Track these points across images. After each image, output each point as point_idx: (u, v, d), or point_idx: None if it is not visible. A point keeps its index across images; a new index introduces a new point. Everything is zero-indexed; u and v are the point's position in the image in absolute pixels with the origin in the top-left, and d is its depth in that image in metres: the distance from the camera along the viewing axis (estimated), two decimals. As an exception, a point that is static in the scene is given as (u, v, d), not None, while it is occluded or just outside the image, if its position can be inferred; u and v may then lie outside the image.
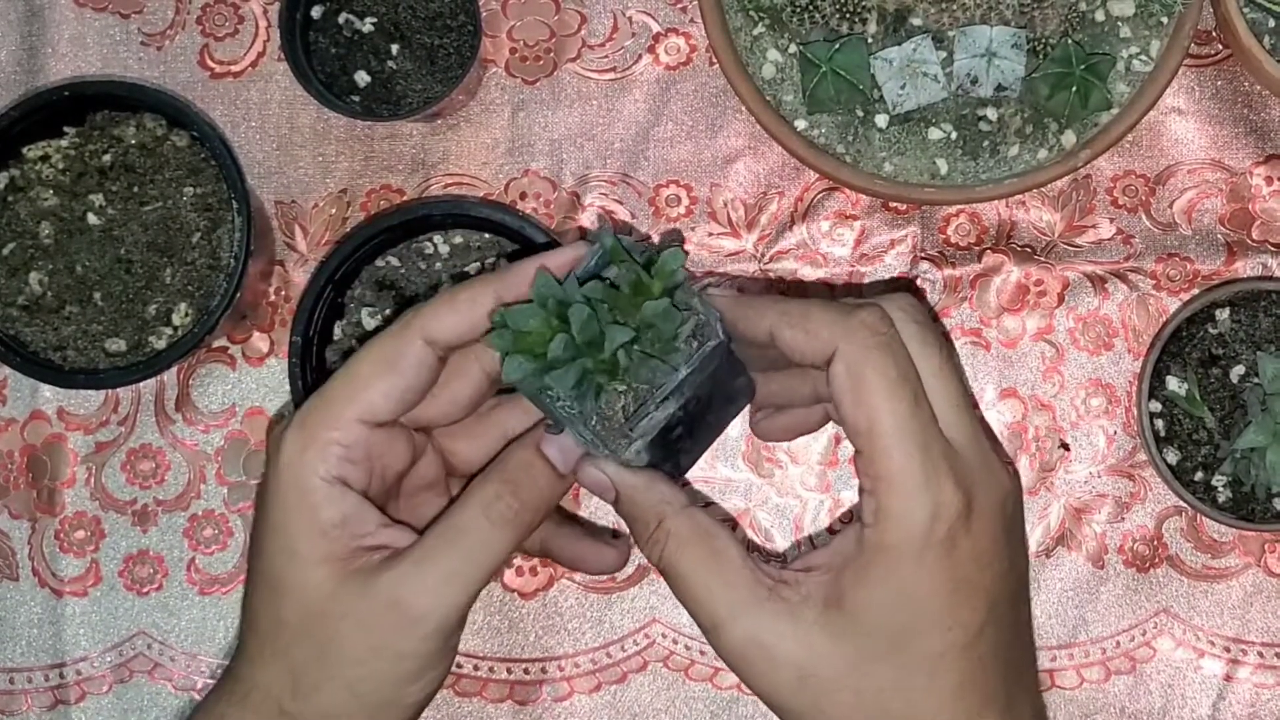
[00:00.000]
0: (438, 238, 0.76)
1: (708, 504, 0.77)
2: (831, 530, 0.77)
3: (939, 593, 0.58)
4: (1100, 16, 0.73)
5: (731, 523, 0.77)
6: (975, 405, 0.62)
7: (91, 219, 0.73)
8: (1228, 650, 0.76)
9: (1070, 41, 0.72)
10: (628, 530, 0.61)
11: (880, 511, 0.57)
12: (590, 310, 0.56)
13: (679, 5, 0.78)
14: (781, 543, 0.77)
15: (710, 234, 0.78)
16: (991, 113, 0.73)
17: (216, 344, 0.78)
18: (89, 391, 0.77)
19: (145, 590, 0.78)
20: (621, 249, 0.58)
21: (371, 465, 0.60)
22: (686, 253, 0.59)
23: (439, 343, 0.59)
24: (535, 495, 0.60)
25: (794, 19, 0.73)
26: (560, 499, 0.62)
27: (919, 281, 0.77)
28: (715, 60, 0.75)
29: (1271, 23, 0.74)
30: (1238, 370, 0.74)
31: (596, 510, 0.77)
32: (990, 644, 0.60)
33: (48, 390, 0.78)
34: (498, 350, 0.57)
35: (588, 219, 0.78)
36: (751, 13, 0.73)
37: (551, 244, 0.73)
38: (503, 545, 0.60)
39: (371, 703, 0.60)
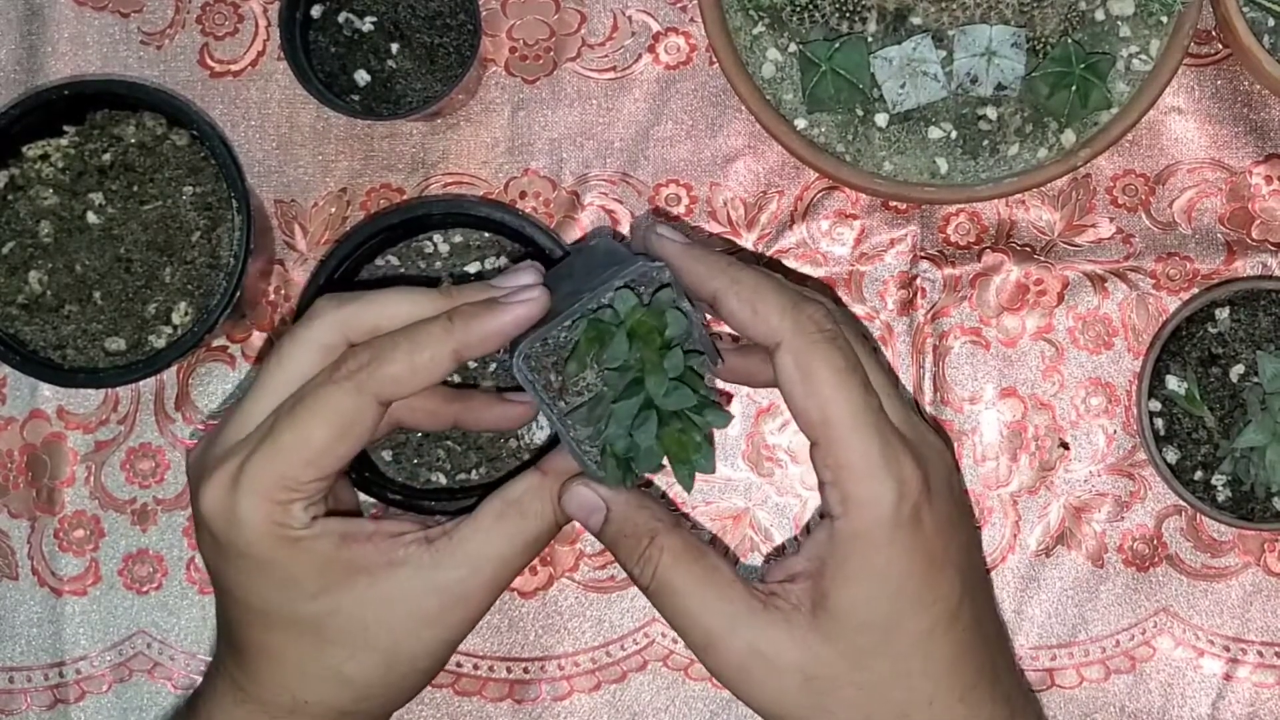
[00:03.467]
0: (437, 237, 0.76)
1: (687, 516, 0.77)
2: (797, 538, 0.77)
3: (915, 571, 0.58)
4: (1100, 16, 0.73)
5: (713, 540, 0.77)
6: (898, 384, 0.64)
7: (91, 218, 0.73)
8: (1227, 649, 0.76)
9: (1070, 41, 0.72)
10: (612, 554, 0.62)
11: (847, 500, 0.58)
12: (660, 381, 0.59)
13: (679, 4, 0.78)
14: (781, 541, 0.77)
15: (710, 233, 0.78)
16: (991, 112, 0.73)
17: (216, 343, 0.78)
18: (88, 390, 0.77)
19: (145, 589, 0.78)
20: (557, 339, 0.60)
21: (327, 487, 0.61)
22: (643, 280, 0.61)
23: (395, 400, 0.60)
24: (549, 535, 0.63)
25: (794, 18, 0.73)
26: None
27: (918, 280, 0.77)
28: (715, 60, 0.75)
29: (1271, 22, 0.74)
30: (1237, 369, 0.74)
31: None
32: (971, 615, 0.61)
33: (47, 389, 0.78)
34: (601, 477, 0.60)
35: (587, 218, 0.78)
36: (751, 12, 0.73)
37: (547, 254, 0.73)
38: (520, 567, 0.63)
39: (425, 679, 0.63)
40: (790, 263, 0.78)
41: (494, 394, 0.71)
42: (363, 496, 0.72)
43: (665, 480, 0.76)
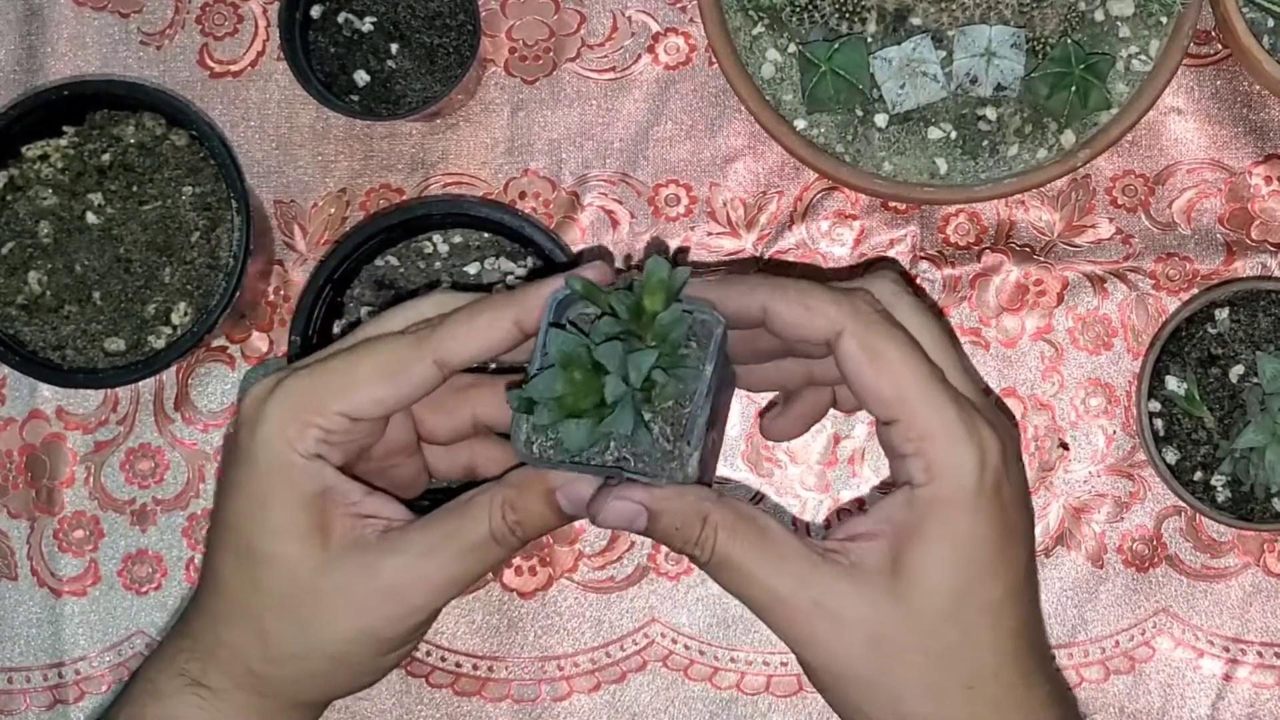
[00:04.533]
0: (437, 237, 0.76)
1: (728, 481, 0.77)
2: (828, 523, 0.77)
3: (992, 540, 0.58)
4: (1099, 16, 0.73)
5: (757, 499, 0.77)
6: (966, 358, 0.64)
7: (90, 218, 0.73)
8: (1227, 650, 0.76)
9: (1069, 41, 0.72)
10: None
11: (931, 467, 0.58)
12: (614, 342, 0.56)
13: (678, 5, 0.78)
14: (843, 505, 0.77)
15: (710, 234, 0.78)
16: (991, 112, 0.73)
17: (215, 343, 0.78)
18: (88, 391, 0.77)
19: (144, 590, 0.78)
20: (593, 287, 0.58)
21: (349, 445, 0.60)
22: (674, 260, 0.60)
23: (448, 366, 0.59)
24: (537, 529, 0.61)
25: (793, 19, 0.73)
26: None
27: (918, 281, 0.77)
28: (715, 60, 0.75)
29: (1270, 22, 0.74)
30: (1237, 370, 0.74)
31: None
32: (1034, 593, 0.61)
33: (47, 389, 0.78)
34: (540, 424, 0.57)
35: (587, 218, 0.78)
36: (751, 12, 0.73)
37: (571, 263, 0.72)
38: (500, 558, 0.61)
39: (349, 671, 0.62)
40: (791, 264, 0.78)
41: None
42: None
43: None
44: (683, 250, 0.78)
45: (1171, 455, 0.74)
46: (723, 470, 0.77)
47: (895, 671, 0.59)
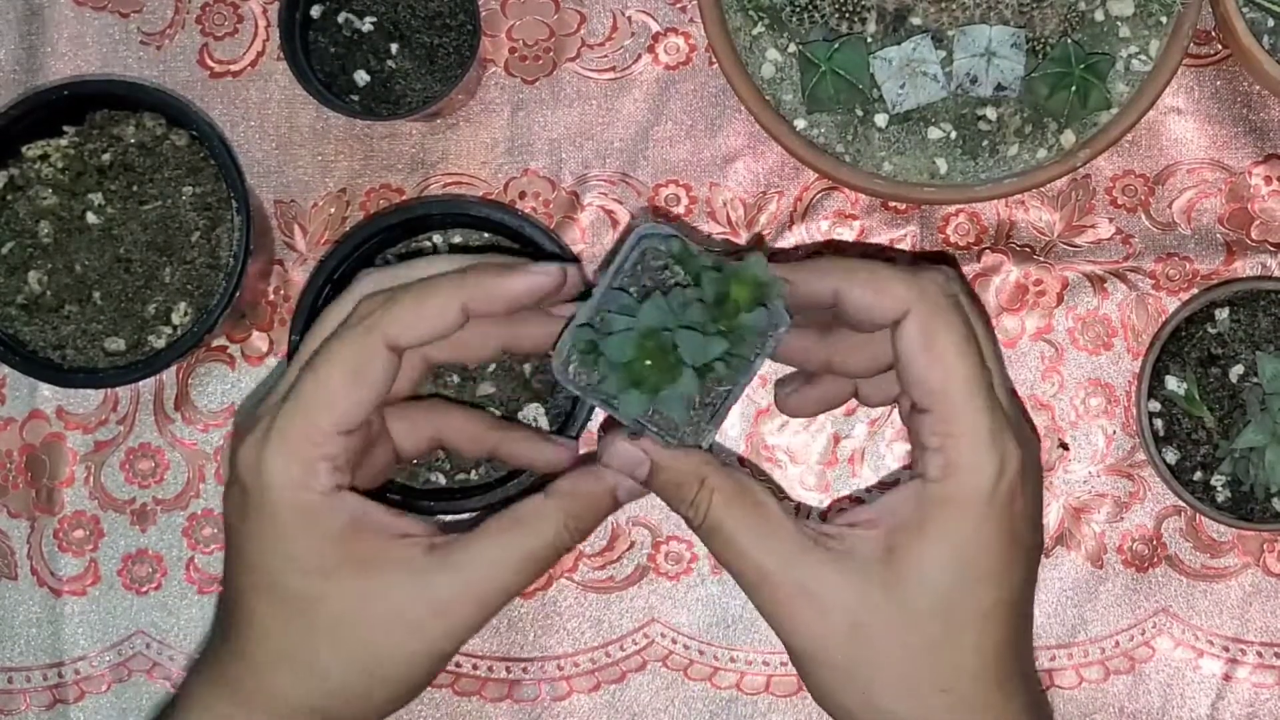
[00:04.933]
0: (437, 237, 0.76)
1: (739, 457, 0.77)
2: (825, 515, 0.77)
3: (995, 549, 0.58)
4: (1099, 16, 0.73)
5: (764, 478, 0.77)
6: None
7: (91, 218, 0.73)
8: (1226, 650, 0.76)
9: (1069, 41, 0.72)
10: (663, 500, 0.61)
11: (950, 466, 0.58)
12: (695, 333, 0.58)
13: (678, 5, 0.78)
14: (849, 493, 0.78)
15: (710, 234, 0.78)
16: (991, 112, 0.73)
17: (216, 343, 0.78)
18: (88, 390, 0.77)
19: (144, 589, 0.78)
20: (688, 252, 0.59)
21: (351, 458, 0.61)
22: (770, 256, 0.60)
23: (401, 348, 0.60)
24: (593, 527, 0.62)
25: (793, 18, 0.73)
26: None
27: (918, 281, 0.77)
28: (715, 60, 0.75)
29: (1270, 23, 0.74)
30: (1237, 370, 0.74)
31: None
32: (1027, 608, 0.61)
33: (47, 389, 0.78)
34: (609, 396, 0.59)
35: (587, 218, 0.78)
36: (751, 12, 0.73)
37: (555, 254, 0.73)
38: (554, 562, 0.62)
39: (408, 689, 0.62)
40: (790, 263, 0.78)
41: (536, 430, 0.71)
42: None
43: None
44: (778, 252, 0.78)
45: (1171, 455, 0.74)
46: (723, 470, 0.77)
47: (872, 661, 0.59)
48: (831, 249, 0.77)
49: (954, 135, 0.73)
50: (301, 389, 0.59)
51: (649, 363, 0.58)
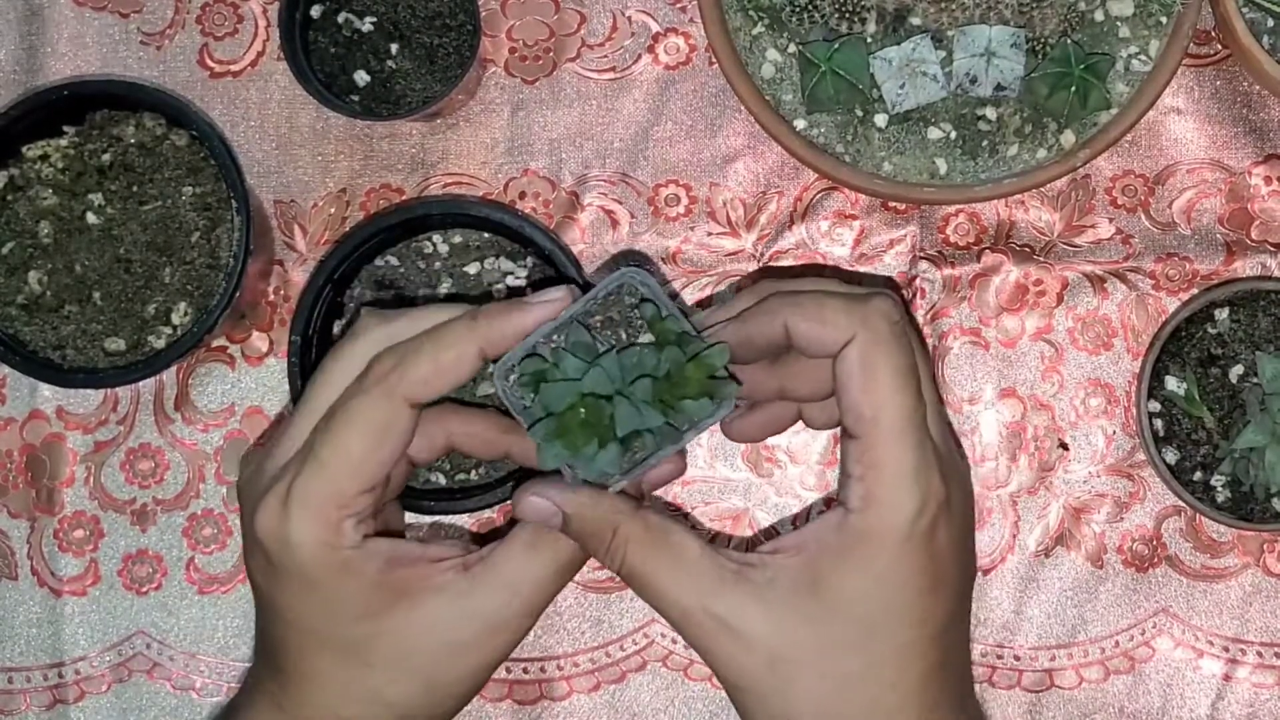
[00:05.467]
0: (437, 237, 0.76)
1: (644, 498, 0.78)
2: (749, 545, 0.77)
3: (915, 584, 0.58)
4: (1099, 16, 0.73)
5: (680, 513, 0.77)
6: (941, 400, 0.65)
7: (91, 218, 0.73)
8: (1226, 650, 0.76)
9: (1069, 41, 0.72)
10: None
11: (869, 498, 0.58)
12: (632, 406, 0.59)
13: (678, 5, 0.78)
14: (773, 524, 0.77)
15: (709, 234, 0.78)
16: (991, 112, 0.73)
17: (216, 343, 0.78)
18: (88, 391, 0.77)
19: (144, 590, 0.78)
20: (659, 317, 0.60)
21: (375, 506, 0.62)
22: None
23: (422, 403, 0.60)
24: (581, 560, 0.63)
25: (793, 19, 0.73)
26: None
27: (918, 281, 0.77)
28: (714, 60, 0.75)
29: (1270, 23, 0.74)
30: (1237, 370, 0.74)
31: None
32: (952, 639, 0.61)
33: (47, 389, 0.78)
34: (535, 439, 0.60)
35: (587, 218, 0.78)
36: (751, 12, 0.73)
37: (563, 276, 0.73)
38: (584, 562, 0.64)
39: (465, 701, 0.64)
40: (789, 264, 0.78)
41: None
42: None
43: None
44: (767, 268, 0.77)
45: (1171, 455, 0.74)
46: (723, 470, 0.77)
47: (792, 693, 0.59)
48: (812, 272, 0.77)
49: (954, 135, 0.73)
50: (321, 453, 0.60)
51: (581, 419, 0.59)
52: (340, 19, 0.76)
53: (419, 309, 0.63)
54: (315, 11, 0.76)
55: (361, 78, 0.76)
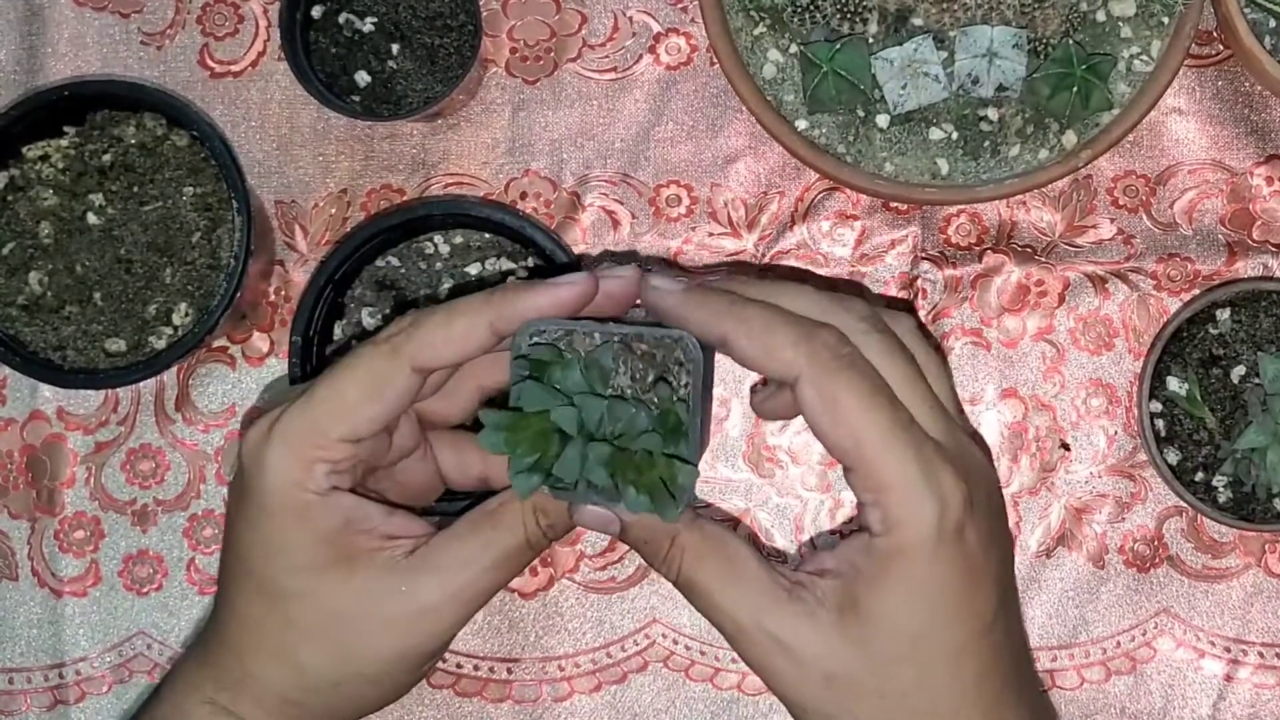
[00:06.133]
0: (438, 237, 0.76)
1: (706, 505, 0.77)
2: (838, 533, 0.77)
3: (954, 586, 0.58)
4: (1101, 17, 0.73)
5: (734, 524, 0.77)
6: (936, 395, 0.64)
7: (91, 219, 0.72)
8: (1228, 650, 0.76)
9: (1071, 42, 0.72)
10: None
11: (888, 519, 0.57)
12: (579, 457, 0.58)
13: (679, 5, 0.78)
14: (781, 542, 0.77)
15: (710, 234, 0.78)
16: (992, 113, 0.73)
17: (216, 344, 0.78)
18: (88, 391, 0.77)
19: (145, 590, 0.78)
20: (672, 400, 0.59)
21: (356, 465, 0.61)
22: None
23: (427, 370, 0.60)
24: (567, 527, 0.62)
25: (795, 19, 0.73)
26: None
27: (919, 282, 0.77)
28: (716, 60, 0.75)
29: (1272, 23, 0.74)
30: (1238, 370, 0.74)
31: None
32: (1002, 629, 0.60)
33: (47, 390, 0.78)
34: (485, 420, 0.58)
35: (588, 219, 0.78)
36: (752, 13, 0.73)
37: (568, 266, 0.72)
38: (530, 561, 0.62)
39: (386, 689, 0.62)
40: (790, 264, 0.77)
41: None
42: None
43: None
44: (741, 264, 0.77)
45: (1173, 456, 0.74)
46: (724, 470, 0.77)
47: (852, 710, 0.59)
48: (796, 278, 0.76)
49: (955, 136, 0.73)
50: (318, 392, 0.59)
51: (535, 430, 0.58)
52: (341, 19, 0.75)
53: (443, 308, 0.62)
54: (316, 12, 0.75)
55: (362, 78, 0.75)
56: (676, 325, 0.59)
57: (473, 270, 0.75)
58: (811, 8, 0.72)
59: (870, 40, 0.73)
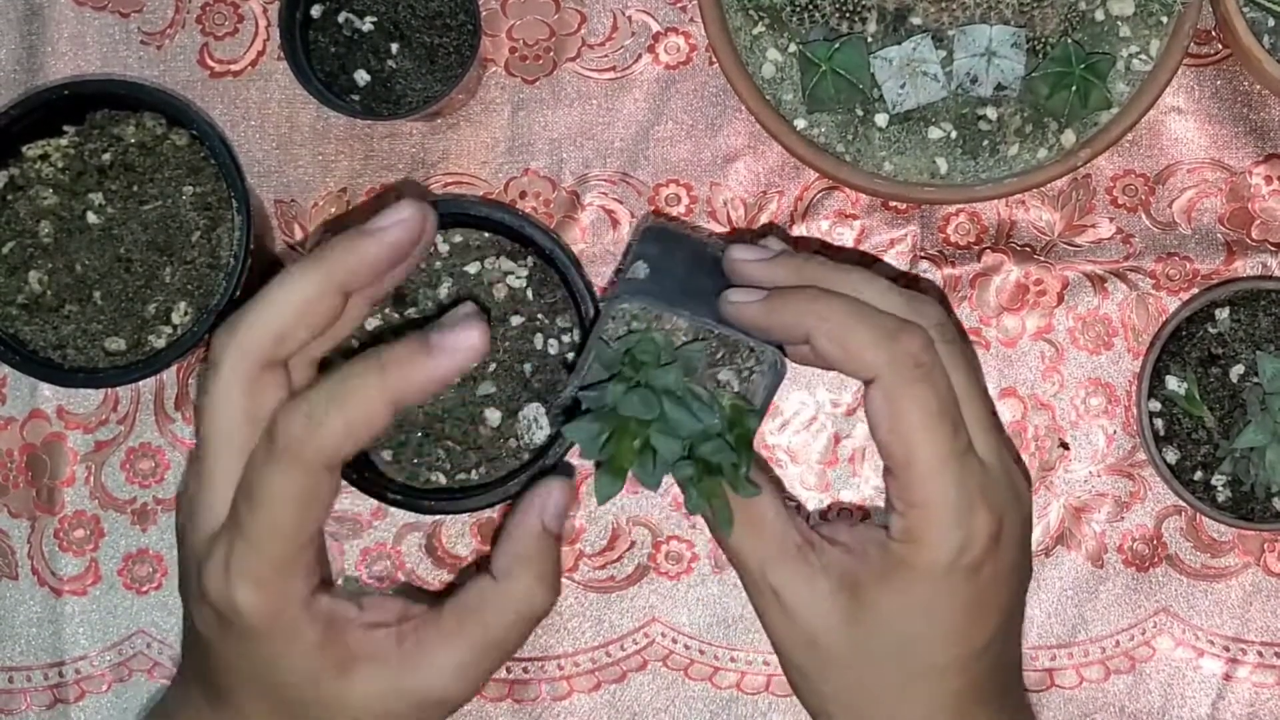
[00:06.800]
0: (437, 236, 0.76)
1: None
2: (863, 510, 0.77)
3: (954, 612, 0.58)
4: (1100, 16, 0.73)
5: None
6: (995, 414, 0.64)
7: (91, 218, 0.73)
8: (1227, 650, 0.76)
9: (1070, 41, 0.72)
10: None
11: (910, 531, 0.58)
12: (695, 470, 0.60)
13: (679, 4, 0.78)
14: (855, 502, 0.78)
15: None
16: (991, 112, 0.73)
17: (216, 343, 0.78)
18: (88, 390, 0.77)
19: (145, 589, 0.78)
20: (744, 413, 0.61)
21: (317, 556, 0.61)
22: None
23: (340, 462, 0.59)
24: (557, 566, 0.65)
25: (794, 18, 0.73)
26: None
27: (919, 281, 0.77)
28: (715, 59, 0.75)
29: (1271, 22, 0.74)
30: (1237, 370, 0.74)
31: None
32: (993, 655, 0.61)
33: (47, 389, 0.78)
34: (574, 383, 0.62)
35: (587, 218, 0.78)
36: (751, 12, 0.73)
37: (568, 266, 0.72)
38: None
39: None
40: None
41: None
42: (363, 499, 0.72)
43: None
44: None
45: (1172, 455, 0.74)
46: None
47: (827, 677, 0.60)
48: (826, 253, 0.77)
49: (954, 135, 0.73)
50: (251, 532, 0.58)
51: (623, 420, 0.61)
52: (340, 19, 0.76)
53: (259, 296, 0.61)
54: (315, 11, 0.76)
55: (362, 77, 0.76)
56: (757, 331, 0.61)
57: (472, 269, 0.75)
58: (810, 7, 0.72)
59: (869, 39, 0.73)
